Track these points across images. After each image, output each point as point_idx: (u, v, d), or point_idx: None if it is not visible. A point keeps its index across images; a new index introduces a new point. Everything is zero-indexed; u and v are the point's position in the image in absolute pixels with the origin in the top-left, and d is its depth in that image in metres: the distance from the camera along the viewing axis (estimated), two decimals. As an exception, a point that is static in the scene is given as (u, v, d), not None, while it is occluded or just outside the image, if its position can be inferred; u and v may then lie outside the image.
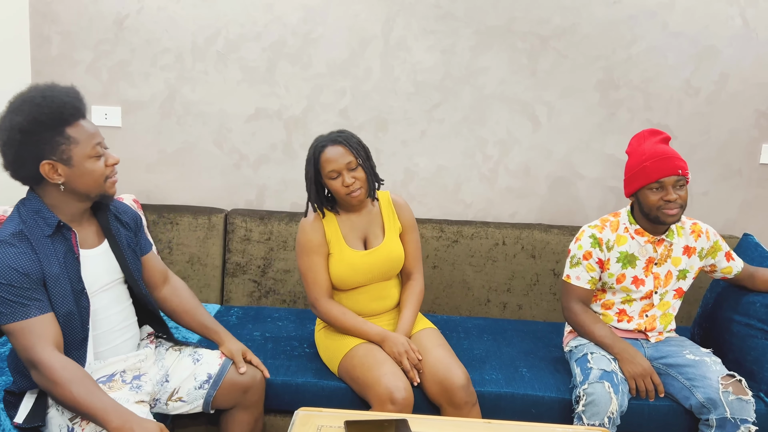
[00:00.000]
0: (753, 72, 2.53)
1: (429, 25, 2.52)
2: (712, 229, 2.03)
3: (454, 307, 2.55)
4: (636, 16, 2.50)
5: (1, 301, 1.38)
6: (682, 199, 1.88)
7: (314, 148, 1.89)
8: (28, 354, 1.37)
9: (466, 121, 2.60)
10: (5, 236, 1.42)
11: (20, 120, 1.41)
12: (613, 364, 1.86)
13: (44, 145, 1.42)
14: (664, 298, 2.01)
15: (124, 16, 2.54)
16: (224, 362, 1.74)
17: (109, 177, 1.51)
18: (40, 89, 1.46)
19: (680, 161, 1.88)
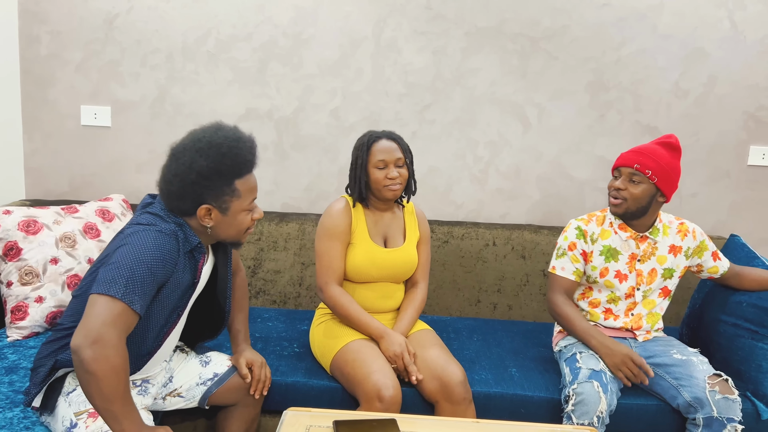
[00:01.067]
0: (741, 74, 2.56)
1: (420, 27, 2.53)
2: (699, 229, 2.04)
3: (445, 308, 2.55)
4: (626, 18, 2.52)
5: (128, 277, 1.33)
6: (629, 192, 1.91)
7: (368, 137, 1.96)
8: (105, 329, 1.29)
9: (457, 122, 2.61)
10: (166, 229, 1.43)
11: (202, 164, 1.42)
12: (602, 363, 1.87)
13: (211, 191, 1.45)
14: (648, 296, 2.02)
15: (114, 15, 2.53)
16: (233, 366, 1.75)
17: (249, 228, 1.55)
18: (227, 137, 1.47)
19: (643, 157, 1.90)
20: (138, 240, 1.38)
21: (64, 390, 1.49)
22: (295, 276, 2.52)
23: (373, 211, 2.03)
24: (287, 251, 2.51)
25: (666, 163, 1.90)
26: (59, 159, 2.64)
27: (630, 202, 1.92)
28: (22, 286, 2.05)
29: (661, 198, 1.94)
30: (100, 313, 1.30)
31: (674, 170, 1.93)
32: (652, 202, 1.94)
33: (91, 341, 1.27)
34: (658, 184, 1.90)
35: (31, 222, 2.11)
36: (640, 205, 1.92)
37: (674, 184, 1.95)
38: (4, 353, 1.92)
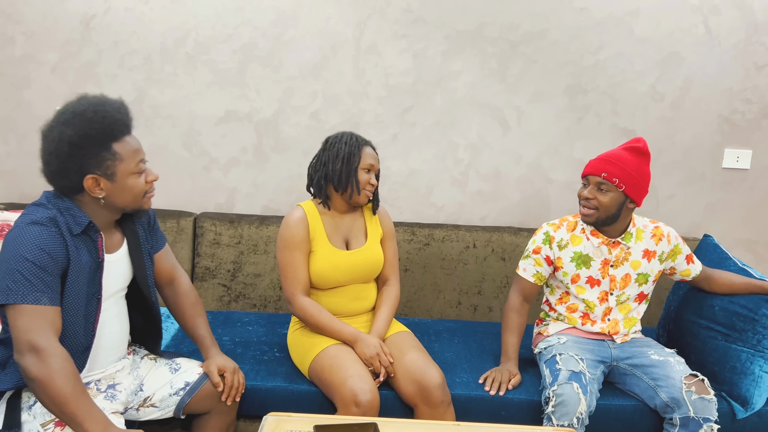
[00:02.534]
0: (716, 78, 2.60)
1: (400, 29, 2.53)
2: (674, 232, 2.04)
3: (426, 310, 2.55)
4: (603, 22, 2.55)
5: (18, 279, 1.33)
6: (598, 201, 1.90)
7: (356, 139, 1.98)
8: (30, 336, 1.30)
9: (437, 125, 2.62)
10: (40, 218, 1.40)
11: (70, 133, 1.40)
12: (581, 364, 1.88)
13: (90, 160, 1.42)
14: (622, 300, 2.02)
15: (91, 16, 2.50)
16: (204, 373, 1.72)
17: (147, 192, 1.52)
18: (91, 102, 1.45)
19: (609, 165, 1.89)
20: (12, 240, 1.37)
21: (24, 405, 1.47)
22: (275, 279, 2.50)
23: (333, 214, 2.01)
24: (267, 254, 2.50)
25: (634, 170, 1.89)
26: (35, 162, 2.56)
27: (600, 211, 1.91)
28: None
29: (631, 204, 1.94)
30: (17, 323, 1.32)
31: (643, 176, 1.92)
32: (623, 209, 1.93)
33: (26, 351, 1.30)
34: (626, 192, 1.89)
35: (4, 226, 2.08)
36: (610, 213, 1.92)
37: (644, 190, 1.94)
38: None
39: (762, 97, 2.61)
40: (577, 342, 2.00)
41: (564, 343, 1.99)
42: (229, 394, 1.71)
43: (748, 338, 1.97)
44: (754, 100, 2.62)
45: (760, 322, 1.95)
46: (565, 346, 1.97)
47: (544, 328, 2.11)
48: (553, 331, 2.08)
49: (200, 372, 1.72)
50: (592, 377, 1.88)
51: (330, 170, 1.95)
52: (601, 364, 1.97)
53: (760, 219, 2.71)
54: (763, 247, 2.73)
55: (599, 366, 1.96)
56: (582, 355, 1.93)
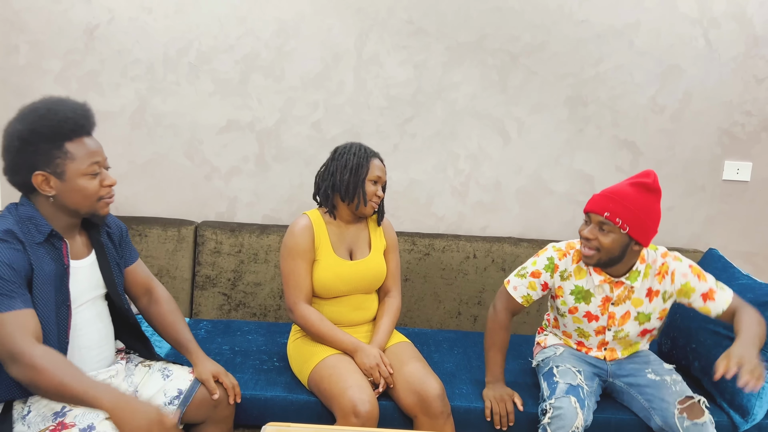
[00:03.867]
0: (715, 91, 2.61)
1: (401, 41, 2.55)
2: (682, 269, 1.83)
3: (426, 320, 2.55)
4: (603, 35, 2.56)
5: None
6: (599, 242, 1.75)
7: (365, 150, 1.98)
8: (8, 345, 1.32)
9: (438, 135, 2.63)
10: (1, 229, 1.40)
11: (21, 128, 1.42)
12: (579, 377, 1.86)
13: (40, 156, 1.42)
14: (620, 336, 1.93)
15: (95, 26, 2.52)
16: (195, 379, 1.72)
17: (103, 197, 1.51)
18: (48, 101, 1.46)
19: (613, 203, 1.73)
20: None
21: (17, 416, 1.47)
22: (275, 288, 2.51)
23: (338, 224, 2.03)
24: (268, 263, 2.50)
25: (639, 209, 1.73)
26: (36, 169, 2.61)
27: (602, 253, 1.77)
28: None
29: (637, 246, 1.78)
30: None
31: (650, 216, 1.75)
32: (627, 251, 1.78)
33: (8, 362, 1.32)
34: (630, 234, 1.74)
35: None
36: (613, 255, 1.77)
37: (651, 230, 1.77)
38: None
39: (762, 110, 2.62)
40: (573, 353, 1.99)
41: (561, 354, 1.97)
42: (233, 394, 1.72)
43: None
44: (754, 113, 2.63)
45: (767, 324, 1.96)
46: (562, 358, 1.95)
47: (543, 339, 2.10)
48: (550, 343, 2.06)
49: (191, 379, 1.71)
50: (589, 390, 1.86)
51: (337, 180, 1.96)
52: (598, 377, 1.96)
53: (761, 231, 2.71)
54: (763, 260, 2.73)
55: (596, 378, 1.95)
56: (579, 366, 1.92)
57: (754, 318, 1.74)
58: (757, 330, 1.70)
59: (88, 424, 1.40)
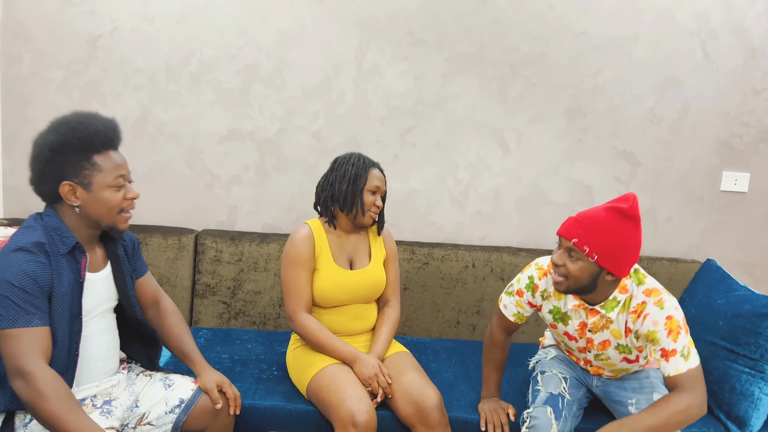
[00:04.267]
0: (713, 102, 2.63)
1: (402, 52, 2.57)
2: (657, 317, 1.62)
3: (425, 329, 2.56)
4: (602, 46, 2.58)
5: (7, 304, 1.37)
6: (567, 269, 1.63)
7: (364, 160, 2.00)
8: (18, 362, 1.35)
9: (437, 145, 2.64)
10: (27, 244, 1.42)
11: (53, 139, 1.46)
12: (563, 384, 1.84)
13: (68, 167, 1.46)
14: (602, 359, 1.82)
15: (98, 36, 2.54)
16: (198, 389, 1.73)
17: (123, 210, 1.54)
18: (79, 115, 1.51)
19: (583, 229, 1.60)
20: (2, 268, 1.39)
21: (19, 424, 1.49)
22: (275, 297, 2.52)
23: (339, 233, 2.04)
24: (267, 272, 2.51)
25: (611, 237, 1.58)
26: (38, 178, 2.62)
27: (570, 281, 1.64)
28: (-2, 308, 2.02)
29: (609, 276, 1.62)
30: (6, 349, 1.37)
31: (622, 245, 1.59)
32: (599, 281, 1.64)
33: (14, 376, 1.35)
34: (599, 263, 1.59)
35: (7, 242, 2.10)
36: (582, 284, 1.64)
37: (623, 261, 1.60)
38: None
39: (760, 121, 2.64)
40: (561, 358, 1.97)
41: (551, 359, 1.96)
42: (234, 405, 1.73)
43: (751, 352, 1.98)
44: (751, 124, 2.64)
45: (763, 335, 1.96)
46: (551, 363, 1.94)
47: (544, 337, 2.10)
48: (548, 343, 2.06)
49: (194, 388, 1.73)
50: (572, 399, 1.83)
51: (336, 190, 1.97)
52: (585, 387, 1.95)
53: (758, 242, 2.72)
54: (761, 270, 2.74)
55: (582, 387, 1.93)
56: (567, 372, 1.90)
57: (667, 409, 1.57)
58: (649, 421, 1.57)
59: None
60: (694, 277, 2.43)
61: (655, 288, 1.67)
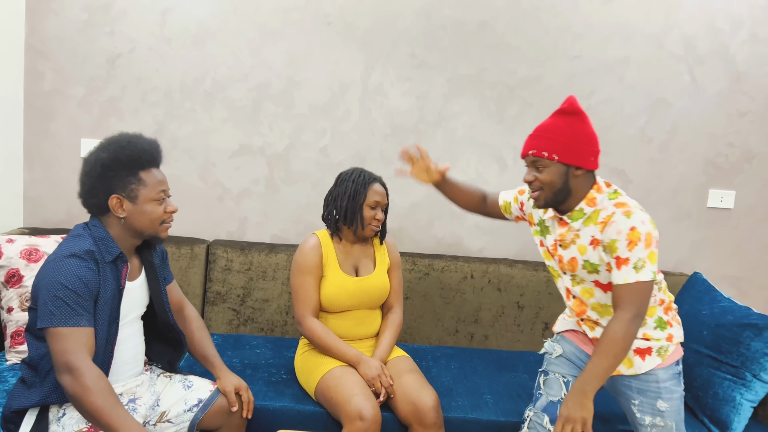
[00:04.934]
0: (700, 123, 2.77)
1: (405, 73, 2.71)
2: (621, 226, 1.63)
3: (425, 337, 2.68)
4: (595, 69, 2.73)
5: (60, 305, 1.50)
6: (539, 181, 1.71)
7: (364, 177, 2.12)
8: (68, 358, 1.47)
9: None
10: (80, 251, 1.56)
11: (104, 156, 1.61)
12: (564, 390, 1.86)
13: (117, 182, 1.62)
14: (578, 282, 1.80)
15: (117, 55, 2.68)
16: (216, 390, 1.86)
17: (164, 222, 1.69)
18: (127, 135, 1.66)
19: (537, 139, 1.70)
20: (53, 271, 1.53)
21: (53, 418, 1.61)
22: (282, 305, 2.64)
23: (344, 243, 2.17)
24: (275, 281, 2.63)
25: (561, 134, 1.68)
26: (58, 189, 2.75)
27: (546, 190, 1.71)
28: (23, 312, 2.14)
29: (578, 171, 1.69)
30: (56, 346, 1.49)
31: (577, 137, 1.67)
32: (570, 180, 1.69)
33: (63, 371, 1.47)
34: (562, 161, 1.67)
35: (32, 250, 2.22)
36: (557, 188, 1.70)
37: (584, 152, 1.68)
38: (5, 376, 2.01)
39: (744, 142, 2.78)
40: (568, 355, 1.92)
41: (557, 357, 1.93)
42: (248, 409, 1.85)
43: (733, 359, 2.10)
44: (736, 144, 2.78)
45: (744, 343, 2.09)
46: (557, 363, 1.92)
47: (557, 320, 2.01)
48: (558, 329, 1.98)
49: (212, 389, 1.85)
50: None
51: (338, 206, 2.12)
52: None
53: (743, 256, 2.85)
54: (747, 284, 2.87)
55: None
56: (568, 374, 1.89)
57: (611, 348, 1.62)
58: (603, 364, 1.62)
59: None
60: (682, 289, 2.56)
61: (628, 202, 1.70)
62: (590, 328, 1.84)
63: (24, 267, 2.17)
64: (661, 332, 1.80)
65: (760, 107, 2.75)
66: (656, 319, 1.80)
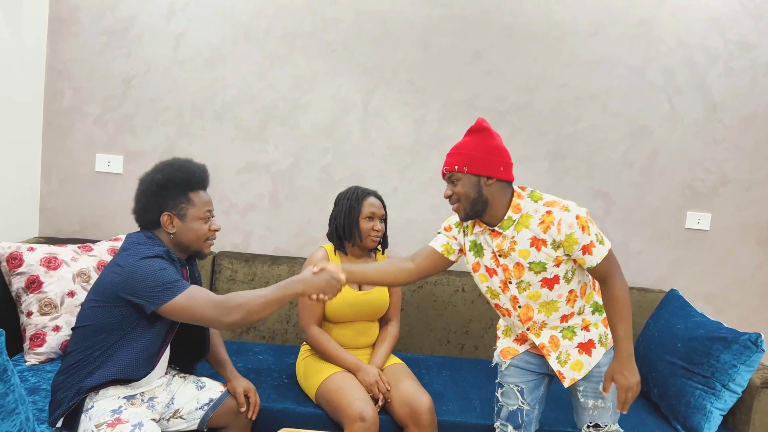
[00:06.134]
0: (679, 149, 2.95)
1: (403, 98, 2.89)
2: (568, 220, 1.76)
3: (418, 347, 2.83)
4: (581, 97, 2.91)
5: (168, 280, 1.66)
6: (455, 194, 1.83)
7: (357, 193, 2.27)
8: (212, 303, 1.65)
9: (433, 180, 2.95)
10: (160, 252, 1.74)
11: (160, 177, 1.80)
12: (520, 398, 1.97)
13: (170, 200, 1.80)
14: (524, 288, 1.86)
15: (132, 75, 2.85)
16: (226, 391, 2.01)
17: (209, 239, 1.86)
18: (180, 160, 1.86)
19: (449, 157, 1.84)
20: (140, 268, 1.69)
21: (84, 408, 1.75)
22: (283, 314, 2.78)
23: (350, 257, 2.32)
24: (278, 291, 2.78)
25: (470, 149, 1.80)
26: (72, 201, 2.90)
27: (462, 202, 1.82)
28: (41, 316, 2.28)
29: (489, 181, 1.80)
30: (191, 309, 1.66)
31: (483, 150, 1.80)
32: (482, 189, 1.80)
33: (220, 314, 1.65)
34: (471, 172, 1.79)
35: (51, 258, 2.36)
36: (472, 198, 1.81)
37: (492, 163, 1.80)
38: (25, 376, 2.15)
39: (720, 168, 2.97)
40: (517, 363, 1.99)
41: (506, 369, 2.01)
42: (253, 411, 2.00)
43: (704, 370, 2.26)
44: (713, 170, 2.97)
45: (714, 355, 2.25)
46: (508, 374, 2.00)
47: (498, 341, 2.09)
48: (500, 346, 2.06)
49: (222, 390, 2.00)
50: (530, 406, 1.97)
51: (338, 223, 2.28)
52: (546, 377, 2.01)
53: (719, 275, 3.03)
54: (721, 300, 3.04)
55: (542, 383, 2.00)
56: (522, 381, 1.97)
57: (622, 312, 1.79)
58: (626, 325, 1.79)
59: (138, 422, 1.68)
60: (659, 304, 2.73)
61: (554, 200, 1.83)
62: (536, 335, 1.93)
63: (44, 274, 2.31)
64: (598, 316, 1.94)
65: (735, 135, 2.94)
66: (593, 303, 1.93)
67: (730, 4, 2.87)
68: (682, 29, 2.88)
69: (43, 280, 2.31)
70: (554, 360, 1.91)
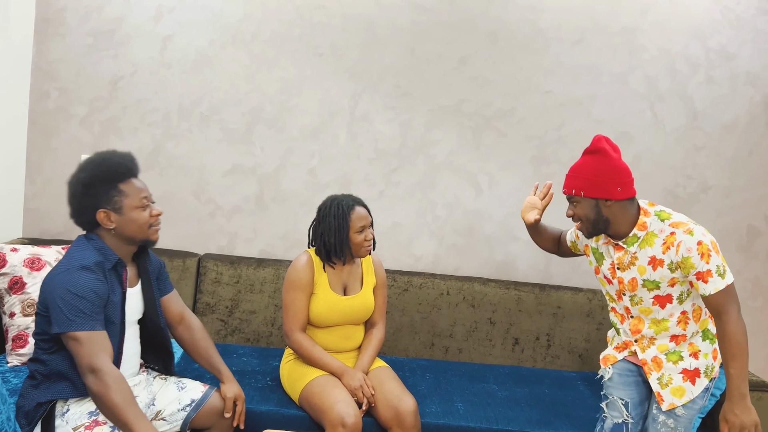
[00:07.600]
0: (661, 156, 3.00)
1: (390, 102, 2.91)
2: (688, 244, 1.77)
3: (403, 350, 2.85)
4: (565, 104, 2.95)
5: (78, 312, 1.64)
6: (577, 214, 1.89)
7: (344, 206, 2.20)
8: (91, 360, 1.62)
9: (419, 185, 2.97)
10: (89, 263, 1.71)
11: (83, 176, 1.76)
12: (625, 412, 1.98)
13: (101, 197, 1.76)
14: (637, 302, 1.92)
15: (119, 77, 2.84)
16: (207, 390, 2.00)
17: (152, 225, 1.83)
18: (101, 153, 1.81)
19: (569, 179, 1.89)
20: (66, 281, 1.67)
21: (57, 413, 1.75)
22: (268, 317, 2.79)
23: (337, 266, 2.30)
24: (263, 294, 2.79)
25: (586, 172, 1.84)
26: (57, 202, 2.89)
27: (584, 222, 1.89)
28: (24, 317, 2.27)
29: (608, 202, 1.83)
30: (79, 350, 1.64)
31: (600, 173, 1.83)
32: (602, 210, 1.84)
33: (87, 372, 1.62)
34: (588, 195, 1.84)
35: (35, 259, 2.35)
36: (592, 219, 1.86)
37: (609, 185, 1.82)
38: (7, 377, 2.14)
39: (701, 174, 3.02)
40: (621, 375, 2.01)
41: (611, 379, 2.02)
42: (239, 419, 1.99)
43: None
44: (694, 176, 3.02)
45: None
46: (613, 386, 2.02)
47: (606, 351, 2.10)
48: (602, 354, 2.09)
49: (203, 390, 2.00)
50: (635, 420, 1.97)
51: (327, 241, 2.22)
52: (651, 393, 2.00)
53: (699, 280, 3.07)
54: (702, 305, 3.09)
55: (646, 400, 2.01)
56: (627, 395, 1.99)
57: (734, 350, 1.74)
58: (741, 364, 1.73)
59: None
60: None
61: (681, 220, 1.83)
62: (641, 350, 1.95)
63: (27, 275, 2.30)
64: (709, 345, 1.91)
65: (715, 143, 2.99)
66: (706, 330, 1.92)
67: (711, 13, 2.92)
68: (665, 38, 2.93)
69: (27, 281, 2.30)
70: (655, 380, 1.92)
